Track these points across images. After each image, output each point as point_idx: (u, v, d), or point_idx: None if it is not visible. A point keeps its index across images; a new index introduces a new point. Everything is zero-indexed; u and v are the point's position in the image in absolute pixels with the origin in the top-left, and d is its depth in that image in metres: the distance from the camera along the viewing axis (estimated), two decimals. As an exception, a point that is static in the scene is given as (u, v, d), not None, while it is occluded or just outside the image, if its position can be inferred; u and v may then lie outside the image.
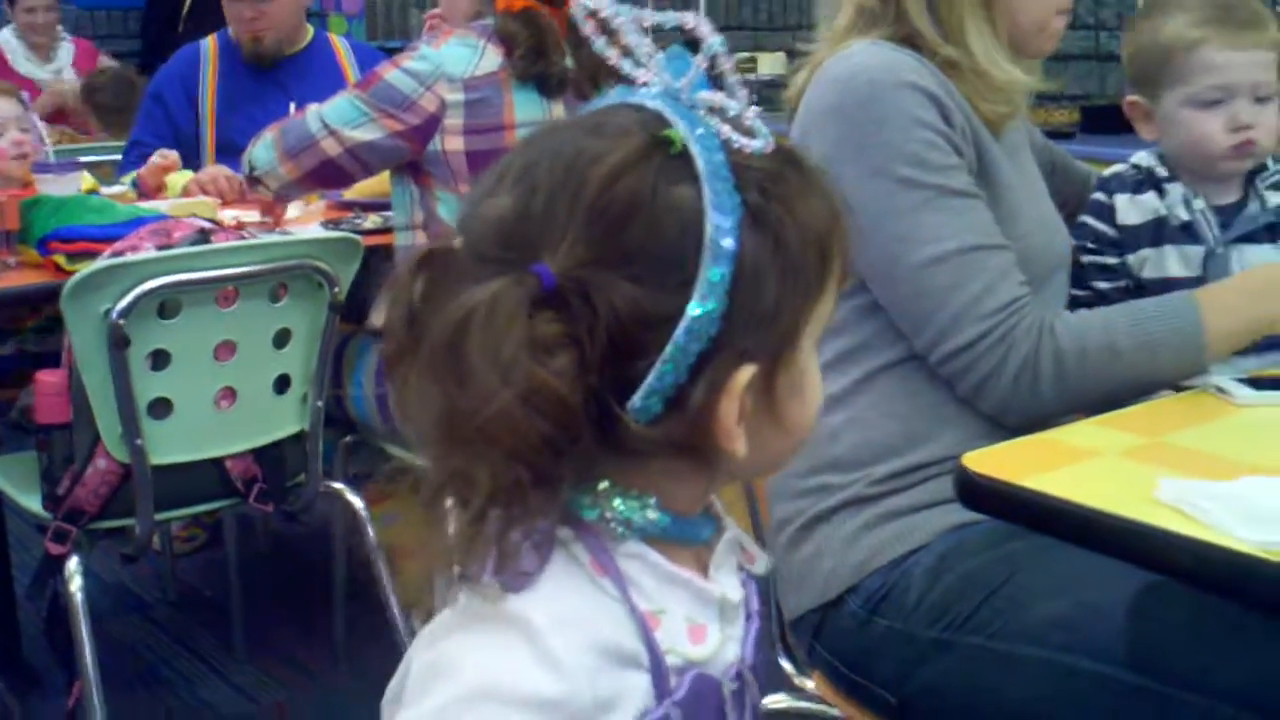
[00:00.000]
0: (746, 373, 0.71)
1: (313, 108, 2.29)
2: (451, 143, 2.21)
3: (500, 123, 2.22)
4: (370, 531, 2.22)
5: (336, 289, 2.05)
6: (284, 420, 2.12)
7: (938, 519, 1.36)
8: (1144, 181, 1.59)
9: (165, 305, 1.92)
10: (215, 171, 2.82)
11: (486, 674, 0.70)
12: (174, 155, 2.90)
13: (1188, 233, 1.55)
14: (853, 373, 1.43)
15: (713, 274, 0.69)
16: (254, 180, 2.38)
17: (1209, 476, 1.06)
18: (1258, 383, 1.35)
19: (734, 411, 0.71)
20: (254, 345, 2.03)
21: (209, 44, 3.21)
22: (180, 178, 2.83)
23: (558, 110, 2.26)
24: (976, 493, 1.13)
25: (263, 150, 2.33)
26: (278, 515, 2.38)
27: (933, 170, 1.36)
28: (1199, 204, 1.56)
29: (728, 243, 0.69)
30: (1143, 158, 1.61)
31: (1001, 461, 1.15)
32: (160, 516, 2.05)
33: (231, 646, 2.66)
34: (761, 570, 0.83)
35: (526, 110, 2.24)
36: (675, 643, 0.74)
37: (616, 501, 0.73)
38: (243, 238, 2.08)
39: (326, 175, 2.29)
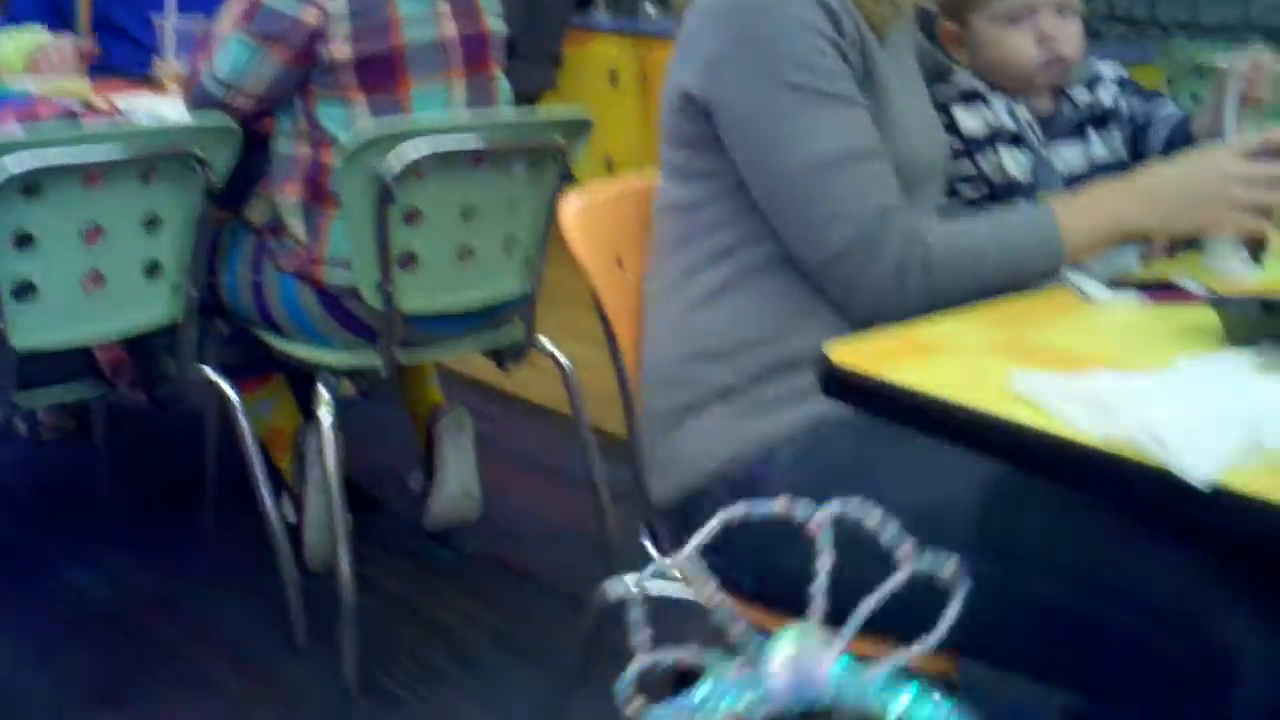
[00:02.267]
0: None
1: (204, 67, 2.20)
2: (339, 51, 2.15)
3: (386, 22, 2.17)
4: (242, 420, 2.21)
5: (211, 174, 2.01)
6: (155, 306, 2.09)
7: (804, 411, 1.40)
8: (970, 95, 1.66)
9: (30, 185, 1.86)
10: (60, 44, 2.71)
11: None
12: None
13: (1017, 141, 1.65)
14: (729, 266, 1.46)
15: None
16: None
17: (1062, 370, 1.11)
18: (1115, 284, 1.41)
19: None
20: (123, 229, 1.99)
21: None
22: (20, 45, 2.71)
23: (441, 3, 2.22)
24: (836, 383, 1.16)
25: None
26: (149, 403, 2.35)
27: (819, 75, 1.38)
28: (1023, 112, 1.65)
29: None
30: (962, 78, 1.67)
31: (861, 353, 1.18)
32: (21, 398, 2.01)
33: (100, 533, 2.64)
34: None
35: (411, 6, 2.19)
36: None
37: None
38: (114, 120, 2.03)
39: (250, 122, 2.21)
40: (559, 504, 2.81)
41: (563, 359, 2.40)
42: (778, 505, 0.67)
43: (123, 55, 2.93)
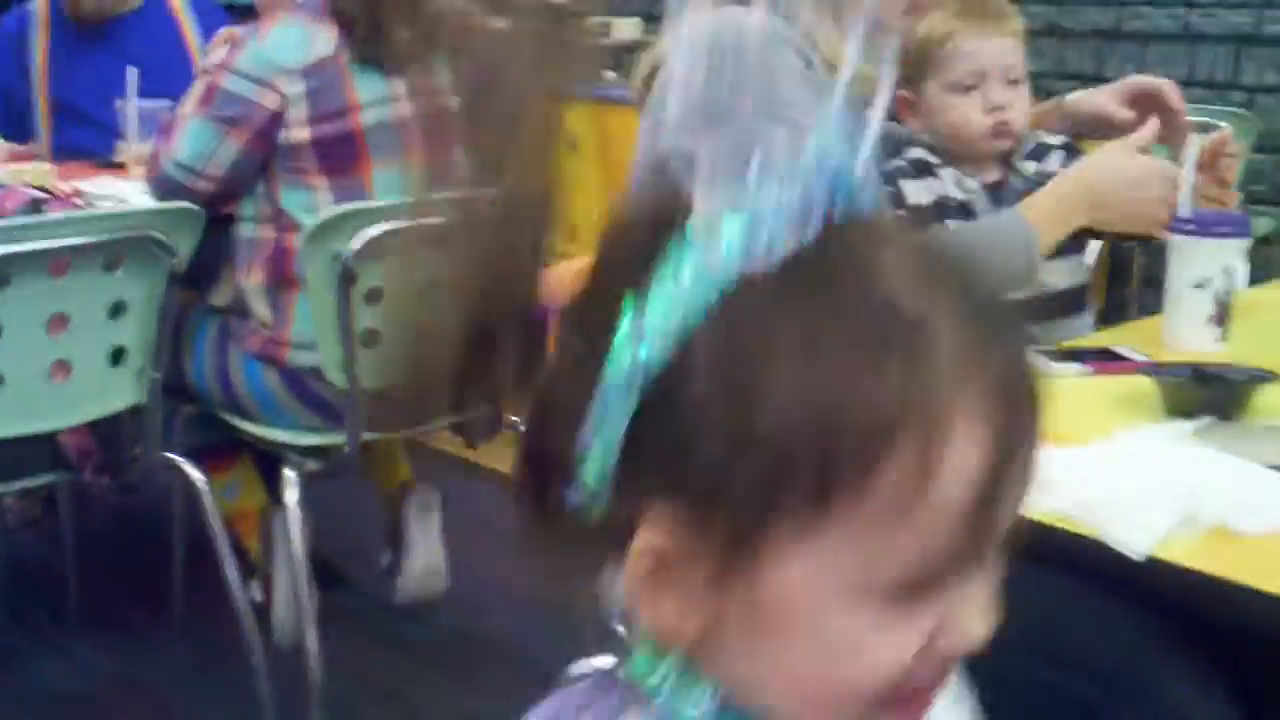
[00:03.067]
0: (653, 524, 0.55)
1: (164, 156, 2.24)
2: (297, 134, 2.19)
3: (344, 106, 2.21)
4: (208, 503, 2.21)
5: (175, 259, 2.04)
6: (120, 392, 2.10)
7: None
8: (921, 169, 1.72)
9: (-4, 276, 1.88)
10: None
11: None
12: None
13: (964, 211, 1.71)
14: None
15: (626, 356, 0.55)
16: None
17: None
18: (1059, 354, 1.45)
19: (633, 560, 0.56)
20: (88, 317, 2.00)
21: (39, 3, 3.11)
22: None
23: (397, 86, 2.27)
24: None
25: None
26: (115, 488, 2.36)
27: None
28: (971, 184, 1.72)
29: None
30: (913, 153, 1.73)
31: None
32: (-11, 489, 2.02)
33: (67, 620, 2.63)
34: None
35: (369, 90, 2.23)
36: None
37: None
38: (77, 206, 2.05)
39: (214, 206, 2.24)
40: (529, 577, 2.81)
41: (528, 432, 2.41)
42: None
43: (85, 139, 2.96)
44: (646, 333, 0.54)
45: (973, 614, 0.56)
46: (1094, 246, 1.91)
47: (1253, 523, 1.02)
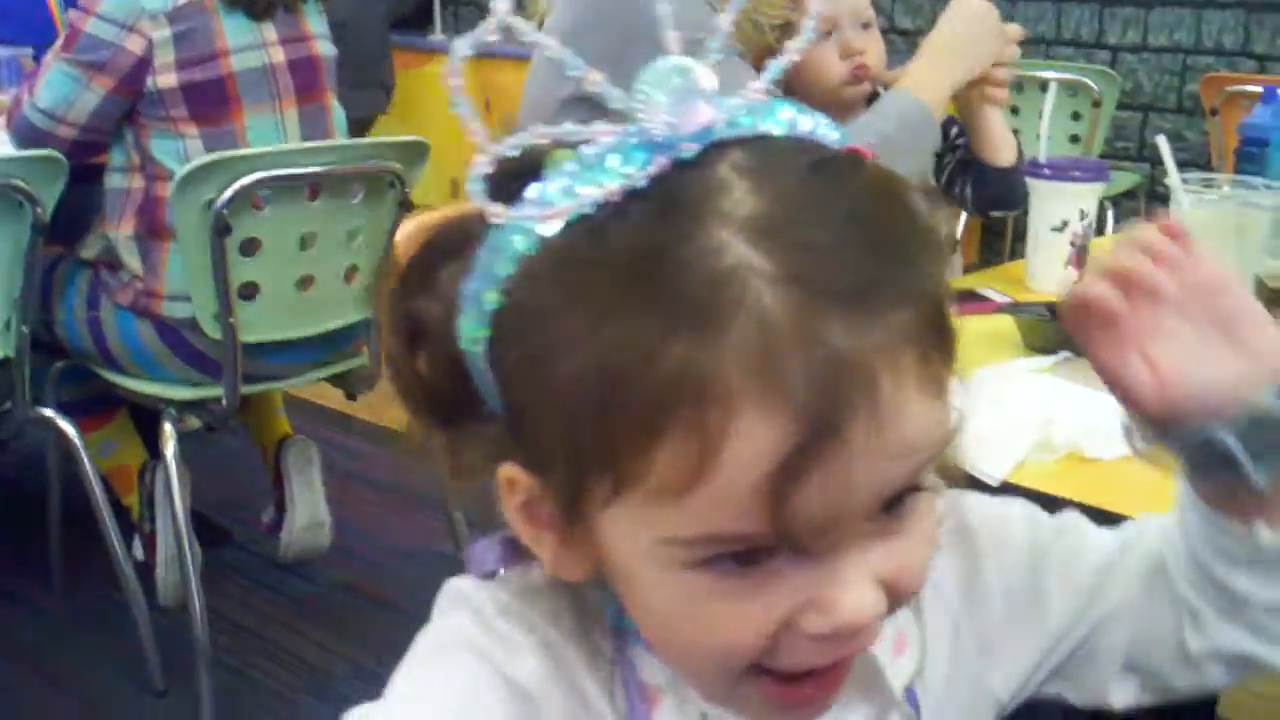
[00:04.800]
0: (509, 470, 0.56)
1: (26, 98, 2.18)
2: (165, 80, 2.14)
3: (213, 51, 2.16)
4: (85, 458, 2.17)
5: (39, 209, 1.99)
6: (-13, 346, 2.05)
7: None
8: None
9: None
10: None
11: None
12: None
13: None
14: None
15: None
16: None
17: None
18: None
19: (507, 494, 0.57)
20: (-50, 269, 1.95)
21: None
22: None
23: (268, 31, 2.22)
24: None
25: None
26: (-14, 445, 2.30)
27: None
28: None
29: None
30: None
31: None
32: None
33: (-59, 580, 2.57)
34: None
35: (238, 35, 2.18)
36: None
37: None
38: (-66, 156, 1.98)
39: (79, 154, 2.18)
40: (414, 527, 2.81)
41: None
42: None
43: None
44: (473, 297, 0.55)
45: (840, 596, 0.52)
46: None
47: (1103, 448, 1.06)
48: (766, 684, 0.55)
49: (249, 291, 2.18)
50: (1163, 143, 1.51)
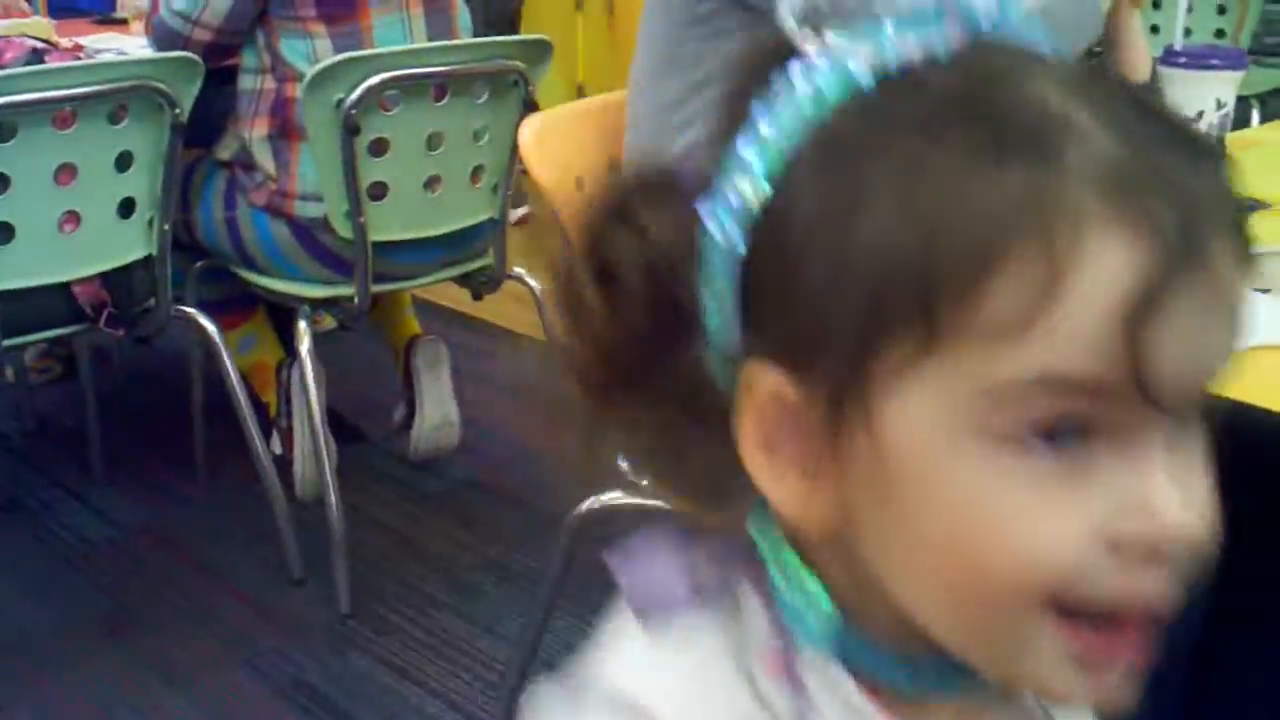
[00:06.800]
0: (764, 373, 0.49)
1: (161, 6, 2.23)
2: None
3: None
4: (225, 355, 2.24)
5: (178, 110, 2.04)
6: (130, 244, 2.11)
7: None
8: None
9: (1, 127, 1.89)
10: None
11: None
12: None
13: None
14: (699, 100, 1.50)
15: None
16: None
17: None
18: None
19: (747, 424, 0.51)
20: (95, 168, 2.01)
21: None
22: None
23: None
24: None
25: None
26: (131, 342, 2.39)
27: None
28: None
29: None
30: None
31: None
32: (7, 343, 2.04)
33: (92, 472, 2.69)
34: None
35: None
36: None
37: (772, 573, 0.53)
38: (78, 58, 2.04)
39: (214, 57, 2.23)
40: (539, 427, 2.84)
41: (534, 284, 2.42)
42: None
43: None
44: (746, 169, 0.49)
45: (1168, 496, 0.45)
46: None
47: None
48: (1067, 630, 0.46)
49: (378, 191, 2.21)
50: None
